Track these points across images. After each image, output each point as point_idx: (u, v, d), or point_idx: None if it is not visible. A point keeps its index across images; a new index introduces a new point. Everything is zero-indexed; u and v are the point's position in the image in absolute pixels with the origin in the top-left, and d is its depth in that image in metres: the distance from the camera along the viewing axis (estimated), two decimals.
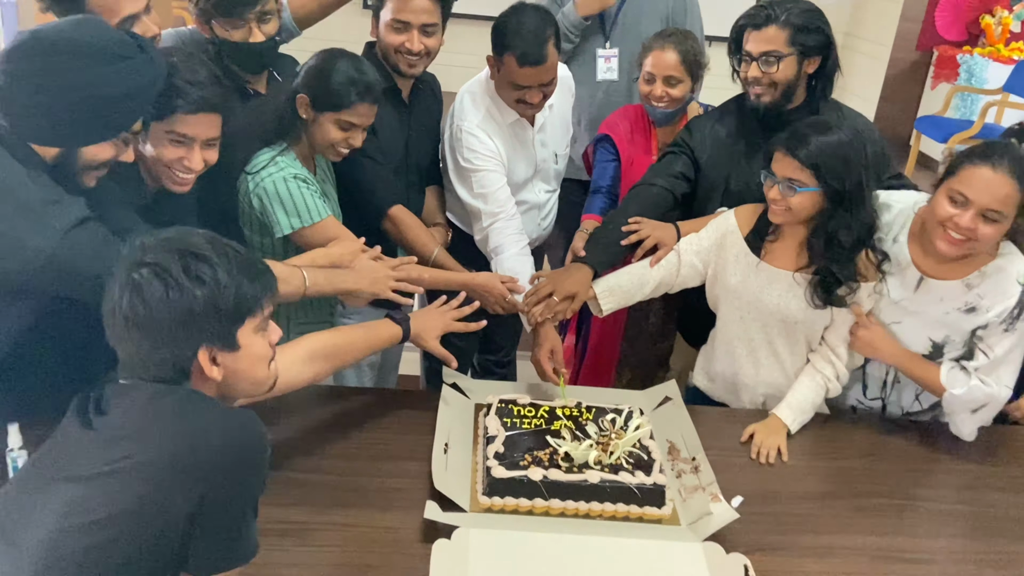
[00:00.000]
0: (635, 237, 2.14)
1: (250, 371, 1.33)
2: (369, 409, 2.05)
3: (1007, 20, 5.71)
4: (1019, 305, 1.86)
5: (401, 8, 2.13)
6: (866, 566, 1.65)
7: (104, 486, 1.15)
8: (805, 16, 2.05)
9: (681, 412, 2.03)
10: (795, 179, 1.87)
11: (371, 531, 1.63)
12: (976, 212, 1.77)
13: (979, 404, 1.93)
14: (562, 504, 1.73)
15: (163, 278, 1.21)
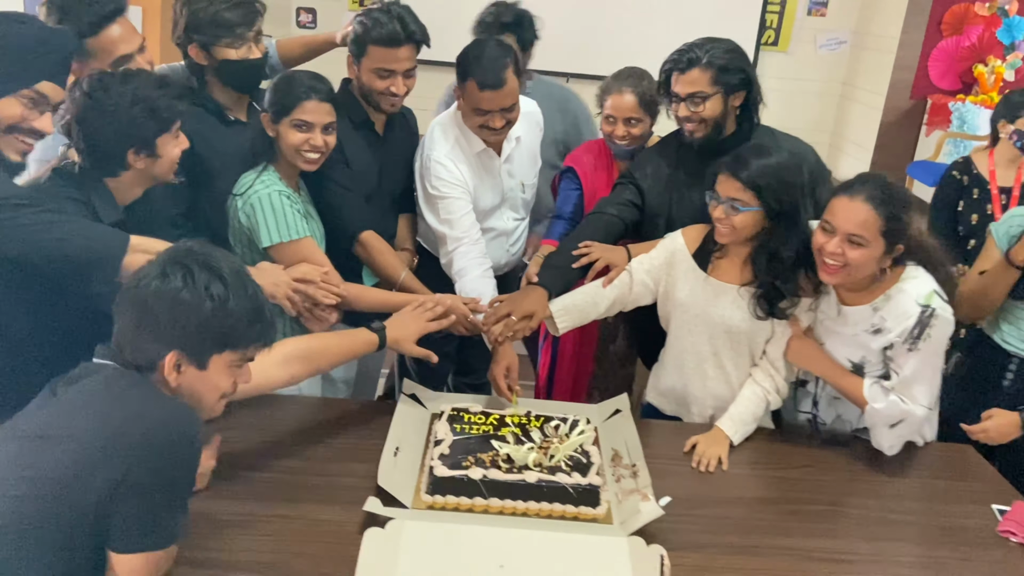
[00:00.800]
0: (586, 260, 2.24)
1: (203, 394, 1.46)
2: (329, 417, 2.16)
3: (1000, 69, 5.81)
4: (919, 324, 1.92)
5: (387, 58, 2.27)
6: (788, 563, 1.71)
7: (38, 448, 1.26)
8: (727, 57, 2.19)
9: (628, 423, 2.11)
10: (737, 199, 1.98)
11: (314, 523, 1.72)
12: (841, 238, 1.88)
13: (896, 420, 1.99)
14: (501, 503, 1.81)
15: (186, 280, 1.38)
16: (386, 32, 2.22)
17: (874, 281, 1.98)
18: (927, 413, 2.01)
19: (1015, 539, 1.82)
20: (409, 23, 2.25)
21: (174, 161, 1.94)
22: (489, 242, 2.58)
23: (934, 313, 1.92)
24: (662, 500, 1.78)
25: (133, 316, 1.39)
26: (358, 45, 2.28)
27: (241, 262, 1.51)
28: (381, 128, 2.44)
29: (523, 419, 2.07)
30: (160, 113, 1.86)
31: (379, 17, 2.23)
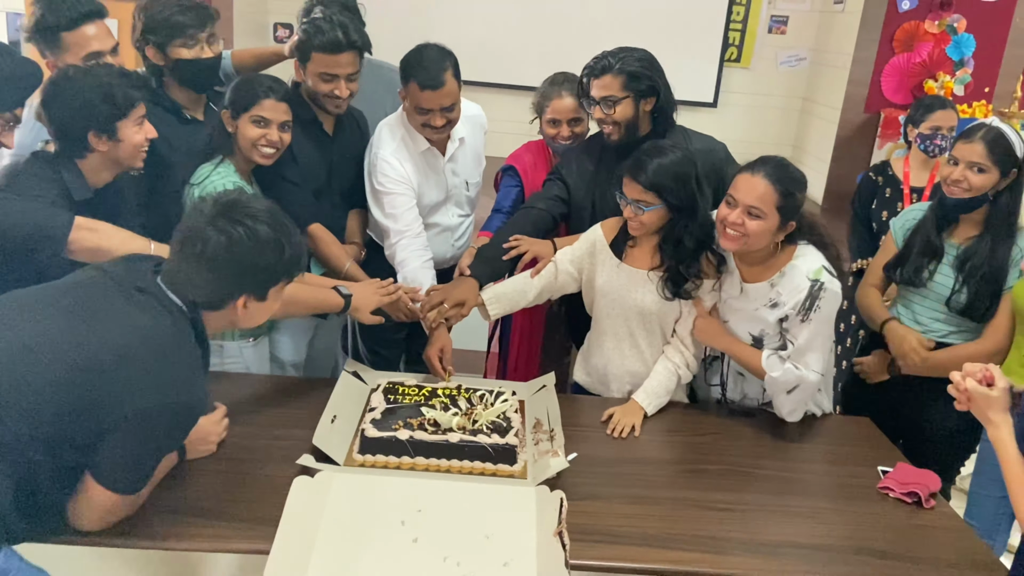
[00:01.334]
0: (514, 252, 2.44)
1: (258, 317, 1.77)
2: (277, 391, 2.34)
3: (949, 84, 6.06)
4: (810, 297, 2.12)
5: (329, 63, 2.45)
6: (681, 511, 1.89)
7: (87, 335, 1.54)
8: (637, 65, 2.40)
9: (551, 396, 2.29)
10: (641, 200, 2.18)
11: (252, 477, 1.90)
12: (742, 209, 2.09)
13: (792, 386, 2.18)
14: (426, 461, 1.99)
15: (247, 232, 1.63)
16: (328, 39, 2.40)
17: (770, 258, 2.18)
18: (819, 379, 2.19)
19: (892, 494, 2.01)
20: (351, 31, 2.44)
21: (137, 147, 2.11)
22: (434, 237, 2.77)
23: (823, 287, 2.12)
24: (570, 456, 1.96)
25: (201, 268, 1.63)
26: (303, 51, 2.47)
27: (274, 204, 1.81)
28: (331, 129, 2.63)
29: (453, 391, 2.25)
30: (116, 99, 2.04)
31: (322, 26, 2.42)
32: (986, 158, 2.25)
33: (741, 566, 1.73)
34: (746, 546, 1.79)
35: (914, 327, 2.42)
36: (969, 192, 2.27)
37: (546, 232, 2.54)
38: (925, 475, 2.03)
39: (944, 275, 2.36)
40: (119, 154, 2.10)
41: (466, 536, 1.76)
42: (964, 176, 2.27)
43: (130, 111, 2.07)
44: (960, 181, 2.27)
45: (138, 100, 2.10)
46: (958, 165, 2.29)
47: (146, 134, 2.13)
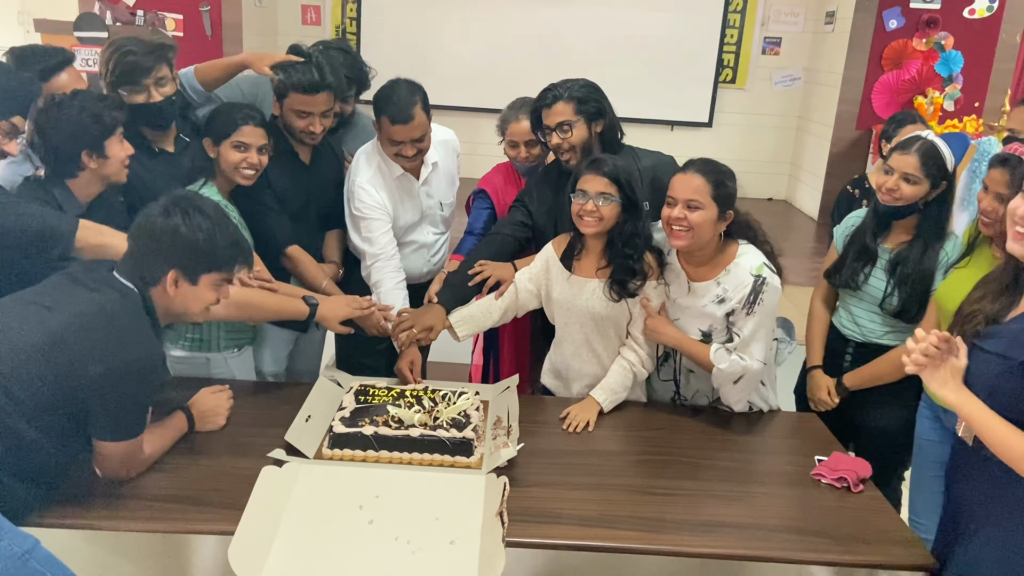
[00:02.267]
0: (479, 278, 2.62)
1: (192, 304, 2.00)
2: (259, 395, 2.52)
3: (938, 100, 6.19)
4: (754, 291, 2.29)
5: (305, 103, 2.62)
6: (623, 496, 2.04)
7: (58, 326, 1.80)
8: (583, 91, 2.62)
9: (512, 396, 2.45)
10: (606, 192, 2.36)
11: (229, 469, 2.07)
12: (682, 205, 2.28)
13: (738, 376, 2.34)
14: (389, 455, 2.16)
15: (184, 217, 1.92)
16: (305, 80, 2.58)
17: (714, 258, 2.37)
18: (762, 367, 2.36)
19: (824, 480, 2.15)
20: (327, 74, 2.62)
21: (122, 161, 2.32)
22: (411, 253, 2.96)
23: (765, 281, 2.29)
24: (518, 445, 2.13)
25: (144, 243, 1.93)
26: (280, 90, 2.64)
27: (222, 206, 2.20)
28: (307, 158, 2.80)
29: (420, 392, 2.43)
30: (103, 119, 2.25)
31: (299, 66, 2.60)
32: (918, 170, 2.36)
33: (671, 542, 1.87)
34: (680, 525, 1.93)
35: (853, 328, 2.54)
36: (901, 200, 2.40)
37: (511, 256, 2.73)
38: (856, 462, 2.17)
39: (878, 278, 2.48)
40: (107, 170, 2.30)
41: (418, 518, 1.92)
42: (897, 185, 2.39)
43: (115, 130, 2.28)
44: (893, 190, 2.40)
45: (120, 119, 2.30)
46: (892, 174, 2.41)
47: (127, 150, 2.33)
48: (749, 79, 7.15)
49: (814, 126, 6.90)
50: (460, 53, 6.90)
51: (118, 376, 1.81)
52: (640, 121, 6.74)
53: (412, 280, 2.98)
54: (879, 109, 6.40)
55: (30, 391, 1.76)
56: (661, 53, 7.15)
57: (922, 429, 2.39)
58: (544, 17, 7.00)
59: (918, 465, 2.42)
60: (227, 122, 2.50)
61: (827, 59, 6.78)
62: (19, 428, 1.75)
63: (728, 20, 7.02)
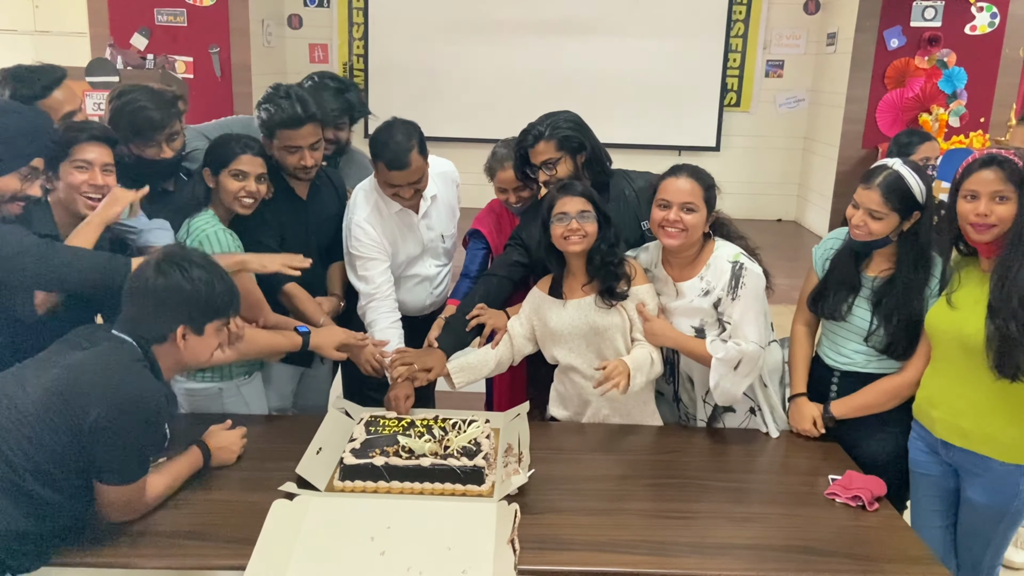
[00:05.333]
0: (476, 322, 2.65)
1: (200, 352, 2.05)
2: (270, 429, 2.53)
3: (943, 116, 6.20)
4: (734, 276, 2.40)
5: (292, 137, 2.63)
6: (635, 520, 2.04)
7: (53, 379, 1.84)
8: (563, 126, 2.65)
9: (523, 423, 2.45)
10: (585, 210, 2.44)
11: (239, 503, 2.07)
12: (678, 207, 2.39)
13: (736, 361, 2.37)
14: (400, 485, 2.16)
15: (182, 273, 1.97)
16: (287, 116, 2.59)
17: (695, 257, 2.49)
18: (759, 349, 2.39)
19: (839, 500, 2.13)
20: (309, 105, 2.62)
21: (72, 187, 2.29)
22: (414, 287, 2.98)
23: (743, 266, 2.41)
24: (528, 472, 2.12)
25: (144, 303, 1.97)
26: (267, 129, 2.64)
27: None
28: (304, 193, 2.81)
29: (431, 421, 2.43)
30: (58, 139, 2.26)
31: (281, 103, 2.60)
32: (882, 205, 2.26)
33: (683, 565, 1.86)
34: (691, 548, 1.92)
35: (838, 359, 2.48)
36: (870, 236, 2.31)
37: (507, 296, 2.75)
38: (870, 480, 2.15)
39: (862, 308, 2.41)
40: (60, 194, 2.31)
41: (429, 548, 1.91)
42: (863, 221, 2.31)
43: (66, 154, 2.27)
44: (860, 226, 2.32)
45: (77, 141, 2.28)
46: (859, 209, 2.32)
47: (91, 180, 2.29)
48: (754, 102, 7.19)
49: (820, 146, 6.92)
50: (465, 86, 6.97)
51: (115, 418, 1.81)
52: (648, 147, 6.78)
53: (415, 312, 3.00)
54: (884, 127, 6.41)
55: (36, 450, 1.78)
56: (666, 79, 7.20)
57: (916, 461, 2.35)
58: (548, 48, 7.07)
59: (916, 499, 2.38)
60: (225, 152, 2.52)
61: (830, 80, 6.81)
62: (31, 490, 1.77)
63: (731, 44, 7.07)
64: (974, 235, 2.12)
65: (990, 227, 2.08)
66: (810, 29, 7.01)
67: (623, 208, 2.68)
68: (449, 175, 3.04)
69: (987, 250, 2.14)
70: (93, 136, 2.33)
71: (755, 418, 2.53)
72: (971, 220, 2.10)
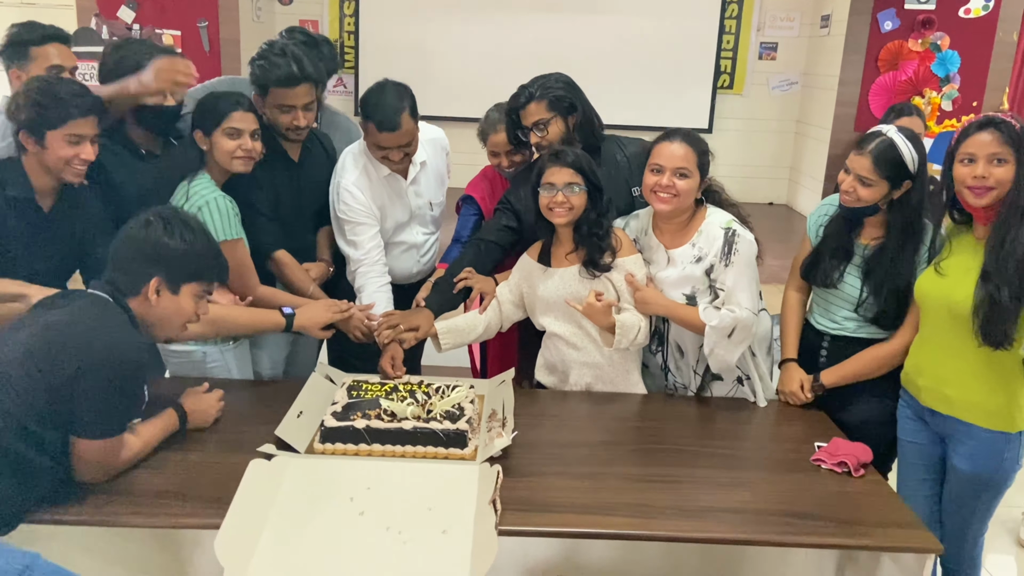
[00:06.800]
0: (462, 285, 2.61)
1: (172, 316, 2.01)
2: (253, 393, 2.50)
3: (936, 100, 6.17)
4: (726, 243, 2.36)
5: (287, 96, 2.58)
6: (619, 483, 2.01)
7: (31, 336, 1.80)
8: (555, 87, 2.61)
9: (508, 389, 2.42)
10: (573, 182, 2.39)
11: (217, 464, 2.03)
12: (671, 173, 2.35)
13: (730, 328, 2.34)
14: (382, 448, 2.13)
15: (166, 227, 1.97)
16: (283, 74, 2.54)
17: (687, 224, 2.45)
18: (752, 316, 2.36)
19: (824, 465, 2.11)
20: (306, 65, 2.57)
21: (62, 159, 2.22)
22: (401, 254, 2.93)
23: (736, 232, 2.37)
24: (512, 434, 2.09)
25: (124, 254, 1.96)
26: (260, 86, 2.60)
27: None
28: (296, 155, 2.77)
29: (415, 386, 2.39)
30: (47, 111, 2.19)
31: (277, 61, 2.55)
32: (872, 172, 2.24)
33: (667, 527, 1.83)
34: (676, 511, 1.89)
35: (829, 325, 2.46)
36: (859, 202, 2.29)
37: (496, 261, 2.72)
38: (856, 447, 2.13)
39: (853, 276, 2.40)
40: (46, 160, 2.24)
41: (410, 509, 1.88)
42: (853, 187, 2.28)
43: (60, 124, 2.20)
44: (849, 191, 2.29)
45: (72, 116, 2.21)
46: (849, 175, 2.30)
47: (79, 153, 2.23)
48: (747, 85, 7.15)
49: (812, 129, 6.89)
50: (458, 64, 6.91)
51: (96, 370, 1.78)
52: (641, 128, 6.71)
53: (402, 280, 2.95)
54: (876, 110, 6.37)
55: (16, 408, 1.74)
56: (659, 60, 7.15)
57: (904, 430, 2.35)
58: (541, 27, 7.01)
59: (903, 468, 2.37)
60: (216, 110, 2.46)
61: (823, 62, 6.78)
62: (10, 448, 1.72)
63: (725, 26, 7.03)
64: (971, 199, 2.09)
65: (988, 190, 2.05)
66: (804, 11, 6.96)
67: (614, 174, 2.64)
68: (439, 142, 3.00)
69: (983, 216, 2.11)
70: (86, 110, 2.26)
71: (743, 388, 2.51)
72: (968, 183, 2.07)
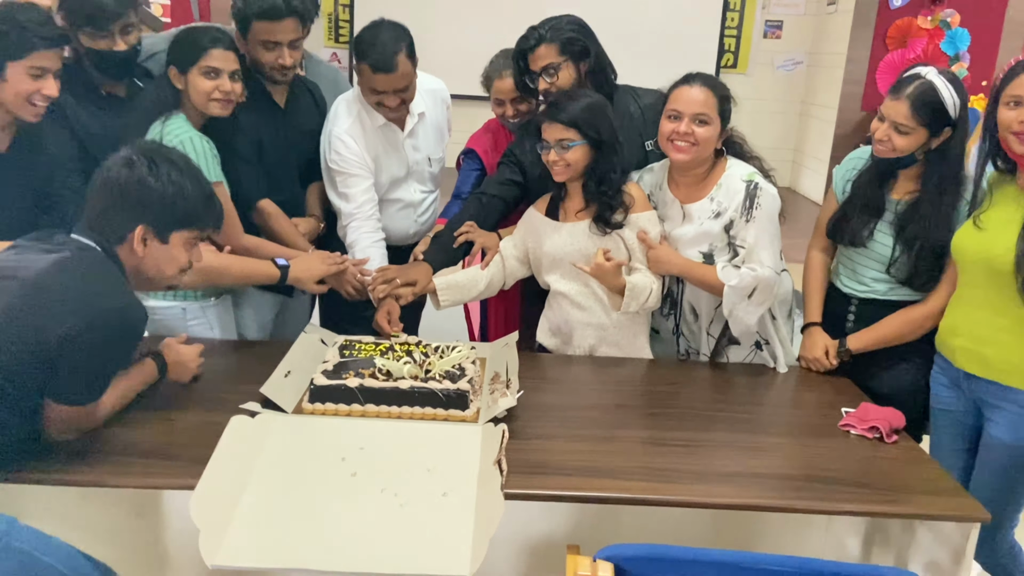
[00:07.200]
0: (463, 239, 2.45)
1: (162, 265, 1.81)
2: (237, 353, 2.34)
3: None
4: (748, 197, 2.19)
5: (271, 31, 2.40)
6: (632, 447, 1.85)
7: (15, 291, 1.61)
8: (566, 29, 2.43)
9: (512, 351, 2.25)
10: (564, 138, 2.22)
11: (198, 424, 1.87)
12: (689, 119, 2.18)
13: (751, 288, 2.18)
14: (376, 408, 1.96)
15: (151, 168, 1.74)
16: (268, 5, 2.35)
17: (705, 176, 2.28)
18: (774, 275, 2.21)
19: (854, 431, 1.95)
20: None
21: (22, 94, 2.04)
22: (396, 213, 2.75)
23: (758, 186, 2.20)
24: (518, 393, 1.93)
25: (105, 198, 1.74)
26: (242, 21, 2.40)
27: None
28: (282, 101, 2.58)
29: (412, 346, 2.23)
30: (7, 39, 1.99)
31: None
32: (910, 119, 2.06)
33: (688, 492, 1.68)
34: (695, 475, 1.74)
35: (856, 287, 2.31)
36: (894, 153, 2.13)
37: (499, 217, 2.55)
38: (888, 412, 1.98)
39: (884, 234, 2.23)
40: (4, 96, 2.04)
41: (407, 470, 1.72)
42: (888, 136, 2.11)
43: (22, 54, 2.01)
44: (883, 140, 2.13)
45: (35, 47, 2.02)
46: (884, 122, 2.12)
47: (41, 89, 2.05)
48: (751, 64, 6.99)
49: (818, 109, 6.74)
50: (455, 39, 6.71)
51: (84, 337, 1.61)
52: None
53: (398, 241, 2.77)
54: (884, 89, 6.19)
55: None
56: (662, 39, 6.98)
57: (938, 397, 2.19)
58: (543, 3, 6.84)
59: (936, 437, 2.22)
60: (193, 46, 2.27)
61: (830, 40, 6.62)
62: None
63: (728, 4, 6.86)
64: (1016, 146, 1.93)
65: None
66: None
67: (627, 126, 2.47)
68: (439, 93, 2.81)
69: None
70: (52, 41, 2.06)
71: (761, 353, 2.35)
72: (1015, 129, 1.91)
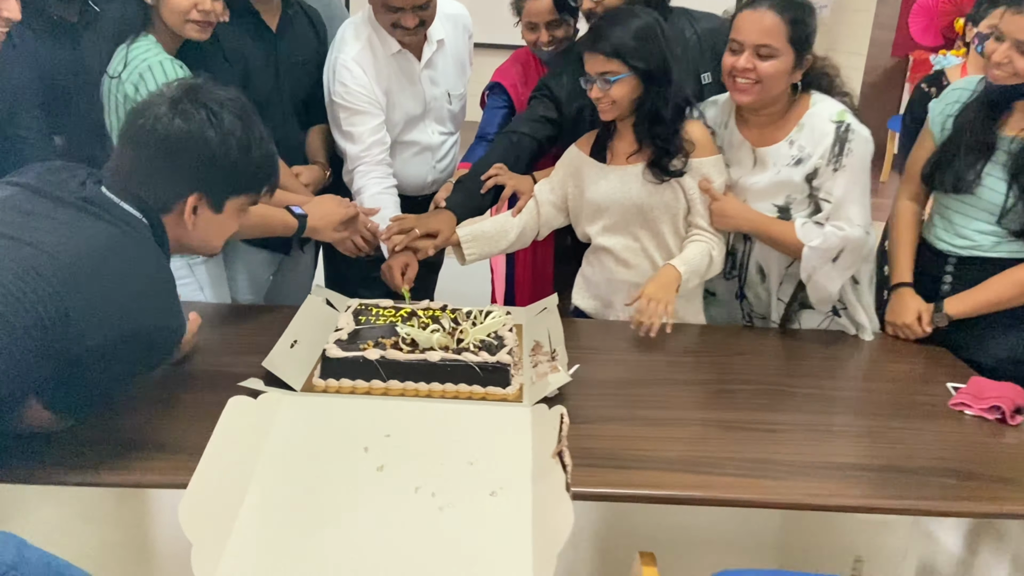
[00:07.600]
0: (492, 183, 2.13)
1: (212, 236, 1.49)
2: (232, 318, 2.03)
3: None
4: (837, 141, 1.85)
5: None
6: (704, 432, 1.56)
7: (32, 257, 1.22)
8: None
9: (553, 317, 1.94)
10: (607, 71, 1.88)
11: (187, 405, 1.57)
12: (750, 52, 1.81)
13: (837, 250, 1.86)
14: (401, 385, 1.65)
15: (211, 118, 1.37)
16: None
17: (783, 115, 1.92)
18: (864, 235, 1.89)
19: (969, 411, 1.65)
20: None
21: None
22: (412, 157, 2.42)
23: (850, 127, 1.86)
24: (572, 368, 1.62)
25: (149, 154, 1.36)
26: None
27: None
28: (274, 24, 2.23)
29: (437, 311, 1.91)
30: None
31: None
32: None
33: (791, 491, 1.38)
34: (793, 468, 1.44)
35: (956, 243, 1.99)
36: (1016, 77, 1.80)
37: (531, 159, 2.22)
38: (1008, 387, 1.67)
39: (995, 177, 1.90)
40: None
41: (444, 463, 1.42)
42: (1008, 57, 1.79)
43: None
44: (1004, 63, 1.80)
45: None
46: (1003, 42, 1.80)
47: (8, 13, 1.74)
48: None
49: (845, 56, 6.37)
50: None
51: (116, 351, 1.28)
52: None
53: (413, 192, 2.45)
54: (916, 34, 5.89)
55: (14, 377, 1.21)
56: None
57: None
58: None
59: None
60: None
61: None
62: None
63: None
64: None
65: None
66: None
67: (680, 55, 2.11)
68: (460, 20, 2.45)
69: None
70: None
71: (839, 319, 2.04)
72: None
